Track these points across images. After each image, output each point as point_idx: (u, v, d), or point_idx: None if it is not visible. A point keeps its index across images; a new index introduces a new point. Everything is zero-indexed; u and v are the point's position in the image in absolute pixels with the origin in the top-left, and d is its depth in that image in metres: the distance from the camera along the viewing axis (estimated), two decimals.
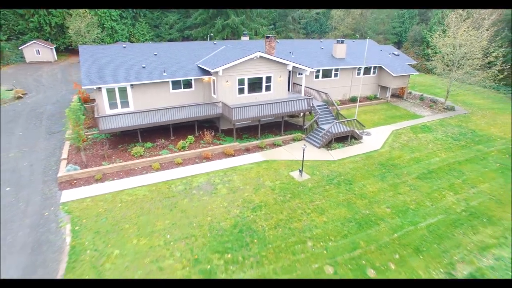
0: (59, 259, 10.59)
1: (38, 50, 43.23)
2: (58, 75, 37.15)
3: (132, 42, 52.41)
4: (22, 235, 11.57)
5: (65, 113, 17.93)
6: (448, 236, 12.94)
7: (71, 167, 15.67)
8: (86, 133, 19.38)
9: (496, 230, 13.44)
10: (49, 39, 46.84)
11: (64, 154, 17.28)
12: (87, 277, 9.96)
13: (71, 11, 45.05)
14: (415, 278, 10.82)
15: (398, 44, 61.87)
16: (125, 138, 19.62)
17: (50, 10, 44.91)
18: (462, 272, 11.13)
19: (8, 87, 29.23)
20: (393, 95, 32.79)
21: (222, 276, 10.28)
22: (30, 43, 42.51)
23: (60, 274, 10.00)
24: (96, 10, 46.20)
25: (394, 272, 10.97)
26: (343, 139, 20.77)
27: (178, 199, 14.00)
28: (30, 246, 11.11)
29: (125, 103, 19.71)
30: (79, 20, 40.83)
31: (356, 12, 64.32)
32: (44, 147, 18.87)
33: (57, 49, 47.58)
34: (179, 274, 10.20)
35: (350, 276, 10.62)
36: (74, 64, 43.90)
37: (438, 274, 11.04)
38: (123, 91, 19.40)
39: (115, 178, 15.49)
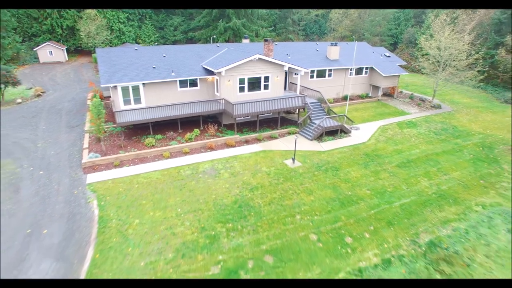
0: (91, 226, 12.81)
1: (51, 51, 45.57)
2: (71, 75, 39.45)
3: (138, 43, 54.64)
4: (58, 208, 13.80)
5: (81, 109, 20.17)
6: (417, 213, 15.06)
7: (93, 154, 17.91)
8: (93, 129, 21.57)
9: (459, 208, 15.56)
10: (61, 41, 49.16)
11: (86, 144, 19.50)
12: (114, 240, 12.18)
13: (81, 14, 47.36)
14: (384, 244, 12.96)
15: (394, 45, 63.78)
16: (137, 131, 21.82)
17: (62, 13, 47.22)
18: (424, 240, 13.27)
19: (27, 86, 31.51)
20: (384, 94, 34.84)
21: (224, 240, 12.46)
22: (43, 44, 44.86)
23: (93, 237, 12.21)
24: (105, 13, 48.46)
25: (368, 240, 13.11)
26: (333, 132, 22.89)
27: (186, 181, 16.20)
28: (66, 216, 13.34)
29: (137, 100, 21.91)
30: (90, 23, 43.08)
31: (354, 14, 66.35)
32: (66, 138, 21.12)
33: (67, 50, 49.86)
34: (189, 238, 12.39)
35: (329, 240, 12.80)
36: (84, 64, 46.20)
37: (404, 241, 13.17)
38: (136, 89, 21.60)
39: (131, 164, 17.70)
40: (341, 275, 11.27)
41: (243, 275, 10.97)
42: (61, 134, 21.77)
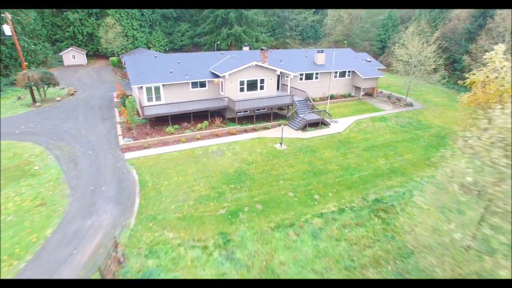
0: (134, 185, 17.98)
1: (74, 55, 50.80)
2: (94, 76, 44.69)
3: (149, 48, 59.72)
4: (109, 175, 18.98)
5: (109, 105, 25.28)
6: (371, 181, 20.12)
7: (127, 139, 23.09)
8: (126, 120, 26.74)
9: (403, 179, 20.63)
10: (81, 46, 54.37)
11: (119, 132, 24.65)
12: (152, 193, 17.34)
13: (100, 22, 52.48)
14: (342, 200, 18.02)
15: (383, 49, 68.58)
16: (158, 122, 26.96)
17: (83, 21, 52.45)
18: (371, 198, 18.34)
19: (61, 86, 36.68)
20: (365, 94, 39.81)
21: (228, 194, 17.59)
22: (68, 49, 50.08)
23: (137, 191, 17.37)
24: (121, 21, 53.56)
25: (330, 197, 18.19)
26: (315, 124, 27.95)
27: (199, 158, 21.34)
28: (116, 180, 18.52)
29: (158, 97, 27.03)
30: (109, 31, 48.18)
31: (346, 20, 71.31)
32: (102, 128, 26.31)
33: (86, 54, 55.05)
34: (203, 193, 17.53)
35: (302, 196, 17.91)
36: (103, 67, 51.41)
37: (356, 198, 18.25)
38: (157, 88, 26.73)
39: (156, 147, 22.86)
40: (307, 216, 16.36)
41: (241, 215, 16.09)
42: (97, 125, 26.97)
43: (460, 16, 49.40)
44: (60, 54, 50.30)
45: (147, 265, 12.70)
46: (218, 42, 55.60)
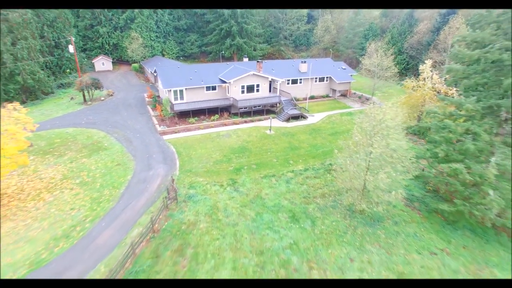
0: (173, 154, 27.36)
1: (103, 62, 60.12)
2: (123, 80, 54.03)
3: (163, 55, 68.90)
4: (155, 149, 28.35)
5: (142, 104, 34.59)
6: (329, 154, 29.44)
7: (163, 127, 32.47)
8: (161, 113, 36.12)
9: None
10: (107, 54, 63.68)
11: (155, 122, 34.02)
12: (185, 158, 26.72)
13: (123, 34, 61.64)
14: (307, 164, 27.38)
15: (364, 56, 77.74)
16: (182, 115, 36.26)
17: (110, 34, 61.72)
18: (326, 163, 27.67)
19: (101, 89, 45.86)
20: (341, 95, 49.10)
21: (234, 160, 26.96)
22: (98, 57, 59.41)
23: (176, 157, 26.75)
24: (141, 33, 62.68)
25: (300, 162, 27.52)
26: (296, 117, 37.29)
27: (214, 139, 30.72)
28: (161, 151, 27.89)
29: (182, 97, 36.33)
30: (134, 42, 57.42)
31: (333, 31, 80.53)
32: (141, 119, 35.66)
33: (112, 61, 64.34)
34: (218, 158, 26.91)
35: (282, 161, 27.29)
36: (127, 72, 60.72)
37: (317, 163, 27.58)
38: (181, 91, 36.02)
39: (183, 132, 32.21)
40: (284, 172, 25.70)
41: (243, 171, 25.44)
42: (137, 117, 36.34)
43: (421, 31, 58.66)
44: (92, 61, 59.63)
45: (190, 192, 22.08)
46: (223, 52, 64.88)
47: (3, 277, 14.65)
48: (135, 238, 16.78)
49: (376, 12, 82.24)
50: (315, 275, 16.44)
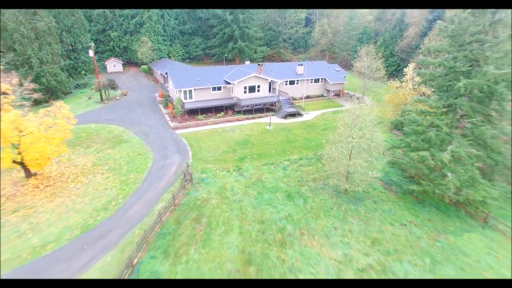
0: (186, 146, 31.40)
1: (114, 64, 64.10)
2: (133, 81, 58.03)
3: (170, 57, 72.85)
4: (170, 141, 32.38)
5: (154, 103, 38.64)
6: (321, 146, 33.35)
7: (175, 123, 36.49)
8: (173, 111, 40.12)
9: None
10: (118, 56, 67.63)
11: (168, 119, 38.04)
12: (196, 149, 30.75)
13: (133, 37, 65.57)
14: (302, 154, 31.40)
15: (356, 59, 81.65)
16: (191, 113, 40.25)
17: (121, 38, 65.66)
18: (319, 153, 31.69)
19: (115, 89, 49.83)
20: (335, 95, 53.08)
21: (239, 150, 30.99)
22: (110, 60, 63.40)
23: (188, 149, 30.78)
24: (150, 37, 66.59)
25: (295, 153, 31.54)
26: (293, 115, 41.28)
27: (220, 133, 34.74)
28: (175, 144, 31.91)
29: (190, 97, 40.31)
30: (143, 46, 61.39)
31: (330, 34, 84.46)
32: (154, 116, 39.67)
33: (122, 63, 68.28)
34: (224, 149, 30.95)
35: (279, 152, 31.32)
36: (136, 73, 64.69)
37: (310, 153, 31.60)
38: (190, 91, 40.01)
39: (193, 127, 36.23)
40: (281, 160, 29.72)
41: (246, 159, 29.46)
42: (150, 115, 40.36)
43: (410, 35, 62.63)
44: (104, 63, 63.62)
45: (202, 176, 26.10)
46: (226, 54, 68.83)
47: (66, 233, 18.68)
48: (161, 210, 20.82)
49: (369, 17, 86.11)
50: (305, 239, 20.44)
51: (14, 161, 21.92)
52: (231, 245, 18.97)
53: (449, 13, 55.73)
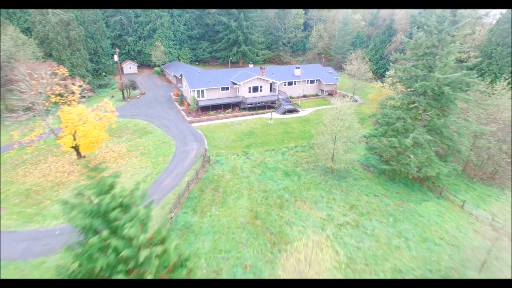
0: (202, 136, 37.43)
1: (130, 66, 70.08)
2: (149, 82, 64.03)
3: (179, 60, 78.77)
4: (188, 133, 38.42)
5: (170, 101, 44.73)
6: (313, 136, 39.38)
7: (190, 117, 42.51)
8: (188, 107, 46.10)
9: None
10: (133, 59, 73.60)
11: (184, 114, 44.06)
12: (211, 138, 36.79)
13: (146, 42, 71.50)
14: (297, 142, 37.39)
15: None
16: (204, 109, 46.20)
17: (136, 42, 71.60)
18: (311, 142, 37.67)
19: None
20: (329, 94, 59.01)
21: (245, 139, 37.02)
22: (126, 62, 69.37)
23: (204, 138, 36.80)
24: (162, 42, 72.47)
25: (286, 142, 37.54)
26: (291, 111, 47.27)
27: (229, 126, 40.76)
28: (192, 134, 37.96)
29: (203, 95, 46.28)
30: (157, 50, 67.37)
31: (326, 38, 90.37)
32: (172, 112, 45.68)
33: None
34: (233, 139, 36.98)
35: (279, 141, 37.36)
36: (150, 75, 70.66)
37: (304, 142, 37.60)
38: (202, 91, 45.98)
39: (206, 121, 42.24)
40: (280, 147, 35.74)
41: (251, 147, 35.47)
42: (168, 111, 46.37)
43: (397, 40, 68.55)
44: (121, 65, 69.62)
45: (217, 159, 32.10)
46: (231, 58, 74.82)
47: None
48: (188, 181, 26.82)
49: (363, 22, 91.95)
50: (298, 203, 26.44)
51: (71, 146, 27.93)
52: (242, 206, 25.01)
53: None
